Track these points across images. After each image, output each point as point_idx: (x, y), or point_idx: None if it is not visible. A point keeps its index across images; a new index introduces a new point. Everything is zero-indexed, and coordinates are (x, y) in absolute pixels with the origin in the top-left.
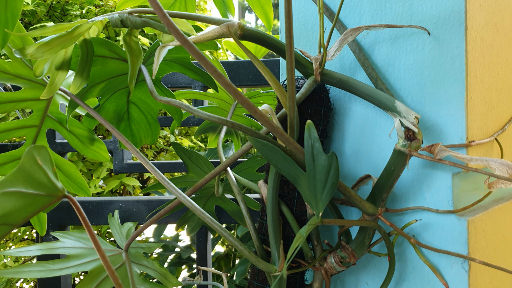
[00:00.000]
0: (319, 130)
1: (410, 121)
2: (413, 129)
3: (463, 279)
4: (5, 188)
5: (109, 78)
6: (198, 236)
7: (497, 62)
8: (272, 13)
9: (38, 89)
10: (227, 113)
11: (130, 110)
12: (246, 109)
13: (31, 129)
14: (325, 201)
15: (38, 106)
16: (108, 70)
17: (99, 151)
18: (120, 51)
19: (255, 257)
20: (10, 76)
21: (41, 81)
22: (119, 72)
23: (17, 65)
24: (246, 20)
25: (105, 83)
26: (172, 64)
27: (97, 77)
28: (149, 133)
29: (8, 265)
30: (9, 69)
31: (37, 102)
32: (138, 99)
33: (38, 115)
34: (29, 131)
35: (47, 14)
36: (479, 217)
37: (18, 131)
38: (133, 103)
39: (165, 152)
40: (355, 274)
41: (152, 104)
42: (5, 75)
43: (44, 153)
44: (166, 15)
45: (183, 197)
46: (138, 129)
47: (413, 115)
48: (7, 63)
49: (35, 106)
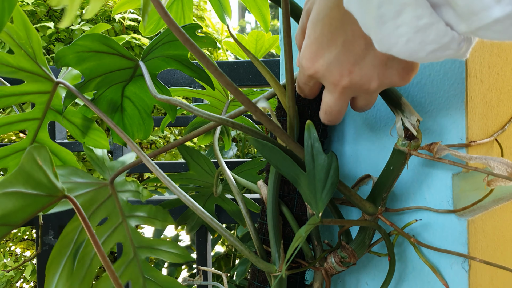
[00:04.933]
0: (319, 130)
1: (412, 122)
2: (412, 131)
3: (463, 279)
4: (5, 188)
5: (106, 73)
6: (198, 236)
7: (497, 62)
8: (269, 15)
9: (41, 82)
10: (219, 111)
11: (124, 105)
12: (246, 107)
13: (34, 121)
14: (325, 201)
15: (41, 99)
16: (105, 65)
17: (99, 140)
18: (117, 46)
19: (255, 257)
20: (13, 69)
21: (44, 74)
22: (116, 67)
23: (20, 58)
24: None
25: (101, 78)
26: (169, 61)
27: (94, 71)
28: (142, 128)
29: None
30: (12, 62)
31: (40, 96)
32: (132, 93)
33: (41, 108)
34: (31, 124)
35: (47, 14)
36: (479, 217)
37: (21, 124)
38: (127, 98)
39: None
40: (355, 274)
41: (146, 99)
42: (8, 68)
43: (44, 153)
44: (168, 14)
45: (184, 196)
46: (131, 123)
47: (416, 117)
48: (10, 56)
49: (38, 100)
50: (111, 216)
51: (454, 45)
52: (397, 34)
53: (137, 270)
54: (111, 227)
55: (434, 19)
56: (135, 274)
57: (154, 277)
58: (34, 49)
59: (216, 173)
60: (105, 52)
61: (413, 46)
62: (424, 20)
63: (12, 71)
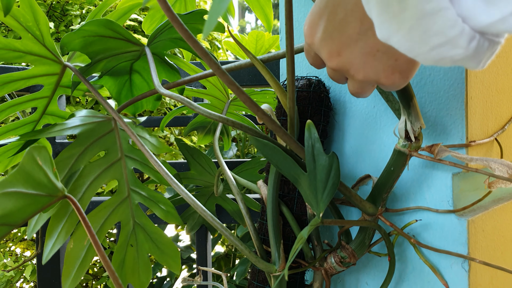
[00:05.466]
0: (319, 130)
1: (414, 128)
2: (411, 136)
3: (463, 279)
4: (5, 188)
5: (112, 55)
6: (198, 236)
7: (497, 62)
8: (272, 14)
9: (49, 65)
10: (219, 111)
11: (132, 77)
12: (248, 107)
13: (43, 99)
14: (326, 202)
15: (49, 81)
16: (111, 49)
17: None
18: (122, 30)
19: (255, 257)
20: (20, 54)
21: (52, 57)
22: (122, 50)
23: (27, 42)
24: (246, 20)
25: (108, 59)
26: (176, 41)
27: (100, 54)
28: (151, 99)
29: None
30: (20, 46)
31: (48, 77)
32: (141, 67)
33: (50, 88)
34: (40, 102)
35: (47, 14)
36: (479, 217)
37: (30, 103)
38: (136, 71)
39: (165, 152)
40: (355, 274)
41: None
42: (15, 53)
43: (44, 153)
44: (171, 10)
45: (185, 194)
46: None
47: (419, 124)
48: (17, 41)
49: (47, 81)
50: (110, 151)
51: (463, 41)
52: (400, 20)
53: (128, 212)
54: (109, 162)
55: (444, 4)
56: (126, 216)
57: (144, 224)
58: (42, 32)
59: (217, 173)
60: (111, 37)
61: (416, 36)
62: (432, 4)
63: (19, 56)
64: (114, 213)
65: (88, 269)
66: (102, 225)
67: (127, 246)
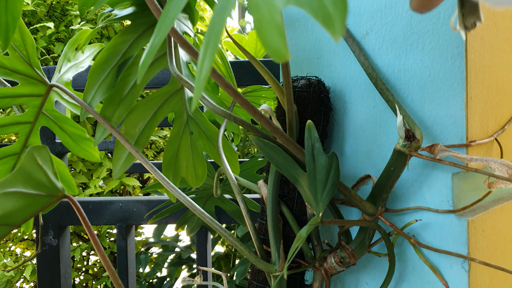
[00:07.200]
0: (319, 130)
1: (407, 127)
2: (402, 134)
3: (463, 279)
4: (5, 188)
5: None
6: (198, 236)
7: (497, 62)
8: None
9: (34, 85)
10: (225, 107)
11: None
12: (245, 109)
13: (25, 125)
14: (325, 201)
15: (33, 103)
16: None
17: (90, 151)
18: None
19: (255, 257)
20: (7, 71)
21: (37, 77)
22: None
23: (15, 60)
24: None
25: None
26: None
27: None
28: None
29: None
30: (7, 63)
31: (33, 99)
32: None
33: (33, 112)
34: (23, 128)
35: (47, 14)
36: (479, 217)
37: (13, 127)
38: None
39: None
40: (355, 274)
41: None
42: (2, 69)
43: (44, 153)
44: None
45: (183, 197)
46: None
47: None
48: (5, 58)
49: (31, 103)
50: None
51: None
52: None
53: (182, 104)
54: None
55: None
56: (180, 107)
57: (198, 119)
58: (28, 52)
59: (216, 173)
60: None
61: None
62: None
63: (6, 73)
64: (166, 104)
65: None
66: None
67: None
